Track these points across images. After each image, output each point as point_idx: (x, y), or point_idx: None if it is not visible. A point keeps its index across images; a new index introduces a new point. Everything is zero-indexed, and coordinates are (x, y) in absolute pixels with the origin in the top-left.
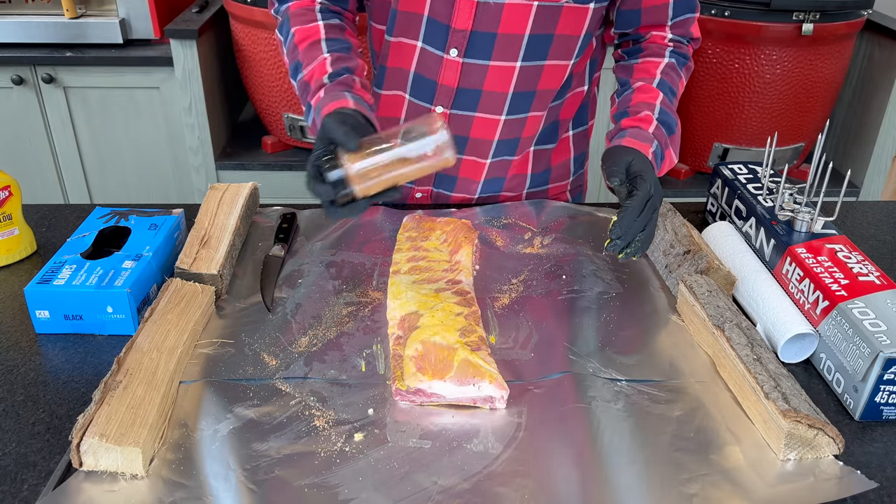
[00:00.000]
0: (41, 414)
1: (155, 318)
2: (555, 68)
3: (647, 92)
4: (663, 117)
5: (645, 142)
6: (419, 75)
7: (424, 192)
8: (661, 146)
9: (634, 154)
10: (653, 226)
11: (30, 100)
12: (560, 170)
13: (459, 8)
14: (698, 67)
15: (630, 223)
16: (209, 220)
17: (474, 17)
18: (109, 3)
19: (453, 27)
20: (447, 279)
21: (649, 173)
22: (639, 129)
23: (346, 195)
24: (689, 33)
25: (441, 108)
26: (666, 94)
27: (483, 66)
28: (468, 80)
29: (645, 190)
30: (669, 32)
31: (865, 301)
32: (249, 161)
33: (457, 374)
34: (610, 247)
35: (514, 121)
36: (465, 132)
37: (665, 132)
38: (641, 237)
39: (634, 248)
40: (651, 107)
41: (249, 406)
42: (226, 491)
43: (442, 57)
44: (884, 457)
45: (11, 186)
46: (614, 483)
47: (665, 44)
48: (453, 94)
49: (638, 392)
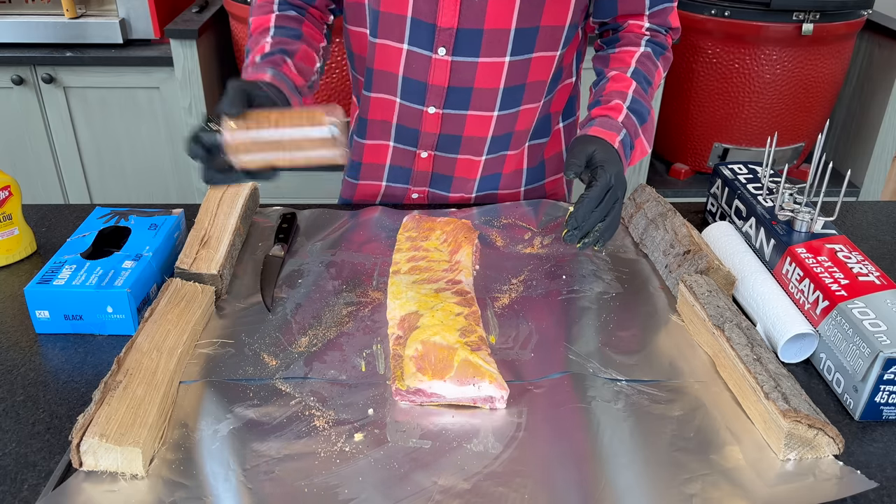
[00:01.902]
0: (41, 414)
1: (155, 318)
2: (543, 60)
3: (620, 81)
4: (635, 106)
5: (612, 130)
6: (408, 78)
7: (421, 193)
8: (631, 135)
9: (598, 143)
10: (615, 216)
11: (30, 100)
12: (553, 162)
13: (444, 6)
14: (698, 67)
15: (586, 213)
16: (209, 220)
17: (459, 14)
18: (109, 3)
19: (439, 26)
20: (447, 279)
21: (611, 163)
22: (607, 118)
23: (220, 162)
24: (668, 22)
25: (433, 109)
26: (639, 83)
27: (472, 63)
28: (458, 79)
29: (604, 180)
30: (647, 22)
31: (865, 301)
32: None
33: (457, 374)
34: (567, 237)
35: (507, 116)
36: (458, 131)
37: (636, 121)
38: (601, 227)
39: (593, 238)
40: (623, 95)
41: (249, 406)
42: (226, 491)
43: (430, 57)
44: (884, 457)
45: (11, 186)
46: (614, 483)
47: (642, 33)
48: (444, 93)
49: (638, 392)
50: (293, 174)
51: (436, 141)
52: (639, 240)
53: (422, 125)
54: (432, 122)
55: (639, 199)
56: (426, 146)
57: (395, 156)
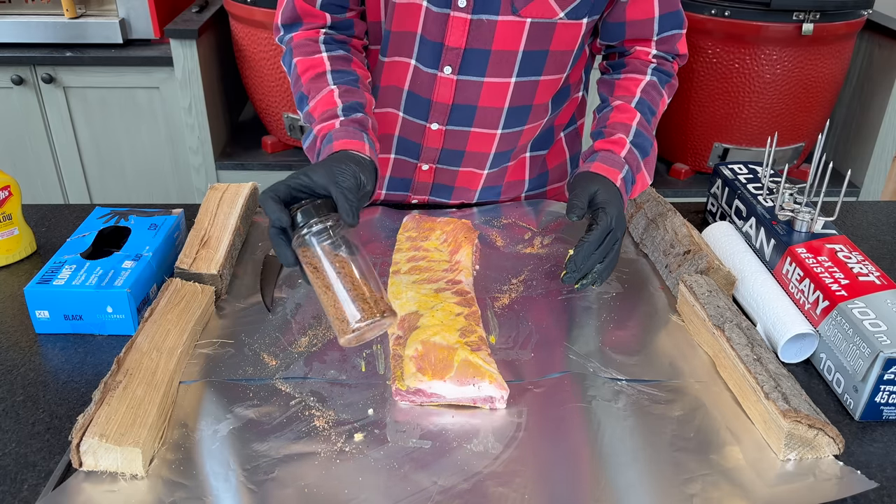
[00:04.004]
0: (41, 414)
1: (155, 318)
2: (550, 82)
3: (625, 112)
4: (638, 140)
5: (614, 167)
6: (413, 93)
7: (421, 200)
8: (633, 170)
9: (601, 182)
10: (613, 257)
11: (30, 100)
12: (557, 172)
13: (452, 26)
14: (698, 67)
15: (586, 256)
16: (209, 220)
17: (468, 35)
18: (109, 3)
19: (447, 45)
20: (447, 279)
21: (612, 205)
22: (610, 153)
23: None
24: (675, 49)
25: (437, 126)
26: (644, 114)
27: (478, 82)
28: (463, 97)
29: (605, 223)
30: (654, 48)
31: (865, 301)
32: (249, 161)
33: (457, 374)
34: (565, 278)
35: (511, 134)
36: (461, 146)
37: (639, 155)
38: (600, 268)
39: (591, 279)
40: (627, 128)
41: (249, 406)
42: (226, 491)
43: (436, 75)
44: (884, 457)
45: (11, 186)
46: (614, 483)
47: (648, 60)
48: (448, 110)
49: (638, 392)
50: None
51: (438, 155)
52: (639, 240)
53: (424, 140)
54: (435, 138)
55: (639, 199)
56: (428, 160)
57: (395, 167)
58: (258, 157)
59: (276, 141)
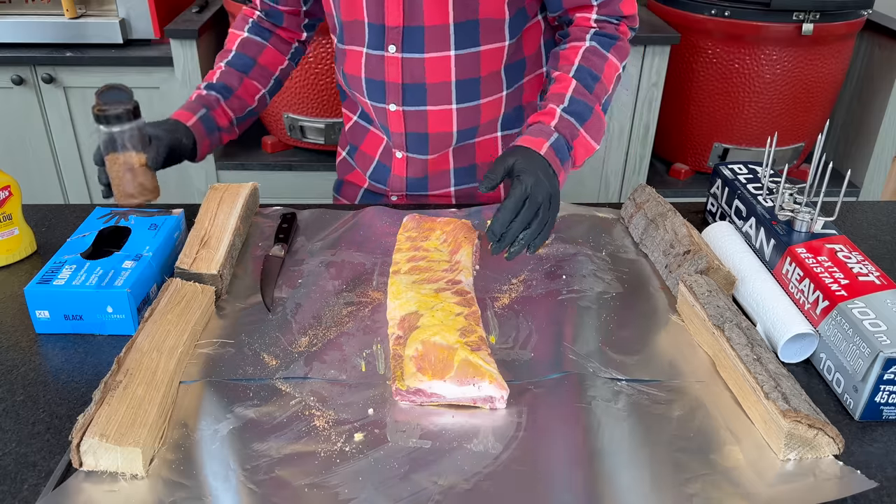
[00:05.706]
0: (41, 414)
1: (155, 318)
2: (492, 52)
3: (561, 81)
4: (573, 107)
5: (540, 136)
6: (370, 79)
7: (399, 195)
8: (567, 137)
9: (521, 153)
10: (540, 222)
11: (30, 100)
12: None
13: (389, 5)
14: (698, 67)
15: (503, 224)
16: (209, 220)
17: (403, 13)
18: (109, 3)
19: (387, 25)
20: (447, 279)
21: (528, 173)
22: (539, 125)
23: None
24: (619, 11)
25: (394, 107)
26: (582, 81)
27: (419, 59)
28: (411, 75)
29: (520, 189)
30: (595, 13)
31: (865, 301)
32: (249, 161)
33: (457, 374)
34: (493, 249)
35: (468, 109)
36: (423, 128)
37: (574, 121)
38: (526, 235)
39: (520, 247)
40: (561, 97)
41: (249, 406)
42: (226, 491)
43: (383, 55)
44: (884, 457)
45: (11, 186)
46: (614, 483)
47: (589, 26)
48: (401, 90)
49: (638, 392)
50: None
51: (405, 141)
52: (639, 240)
53: (388, 124)
54: (396, 121)
55: (639, 199)
56: (398, 146)
57: (382, 152)
58: (258, 157)
59: (276, 141)
